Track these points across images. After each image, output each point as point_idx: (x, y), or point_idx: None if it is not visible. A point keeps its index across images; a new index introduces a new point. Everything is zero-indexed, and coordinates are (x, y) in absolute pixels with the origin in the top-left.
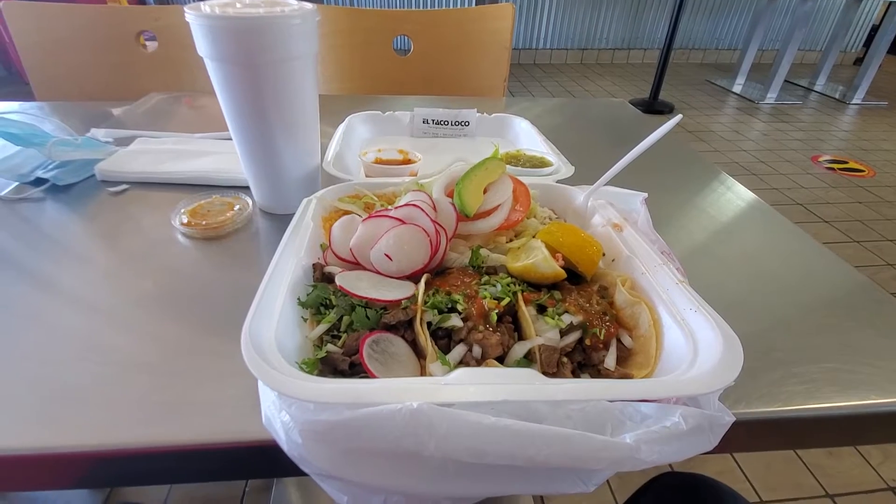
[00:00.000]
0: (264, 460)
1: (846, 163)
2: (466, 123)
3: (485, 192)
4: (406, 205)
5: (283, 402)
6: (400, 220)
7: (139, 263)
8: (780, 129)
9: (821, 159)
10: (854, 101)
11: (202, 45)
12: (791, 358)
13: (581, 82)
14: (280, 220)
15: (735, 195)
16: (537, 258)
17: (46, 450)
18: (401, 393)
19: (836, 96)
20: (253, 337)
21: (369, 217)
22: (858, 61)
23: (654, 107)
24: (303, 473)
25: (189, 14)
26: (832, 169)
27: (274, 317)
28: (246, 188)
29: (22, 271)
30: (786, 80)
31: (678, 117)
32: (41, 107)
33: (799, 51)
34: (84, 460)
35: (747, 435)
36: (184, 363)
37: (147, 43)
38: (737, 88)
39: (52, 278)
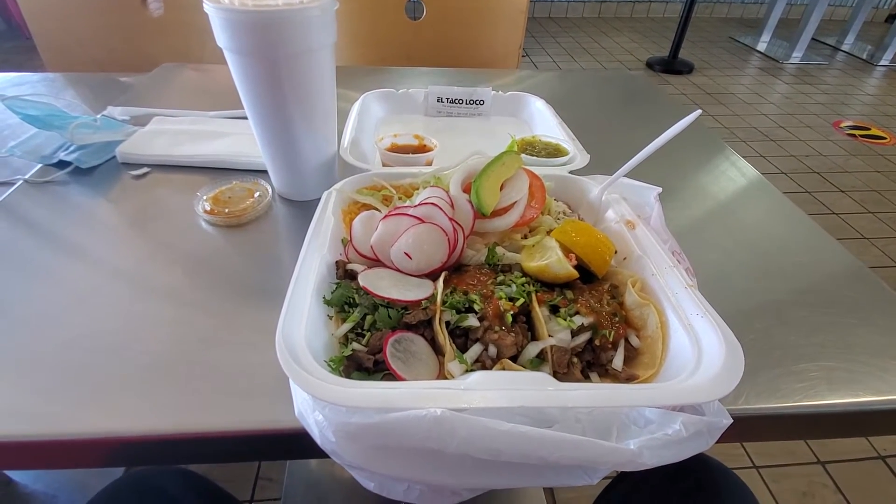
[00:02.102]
0: (297, 446)
1: (868, 129)
2: (481, 102)
3: (501, 188)
4: (424, 203)
5: (317, 404)
6: (419, 218)
7: (168, 252)
8: (803, 92)
9: (842, 125)
10: (882, 63)
11: (221, 38)
12: (791, 356)
13: (598, 38)
14: (299, 207)
15: (746, 178)
16: (551, 259)
17: (100, 435)
18: (425, 398)
19: (864, 56)
20: (286, 339)
21: (389, 215)
22: (891, 18)
23: (674, 66)
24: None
25: (208, 6)
26: (853, 136)
27: (303, 317)
28: (264, 172)
29: (59, 258)
30: (813, 39)
31: (697, 113)
32: (54, 79)
33: (829, 6)
34: (131, 444)
35: (743, 429)
36: (219, 353)
37: None
38: (761, 46)
39: (87, 266)
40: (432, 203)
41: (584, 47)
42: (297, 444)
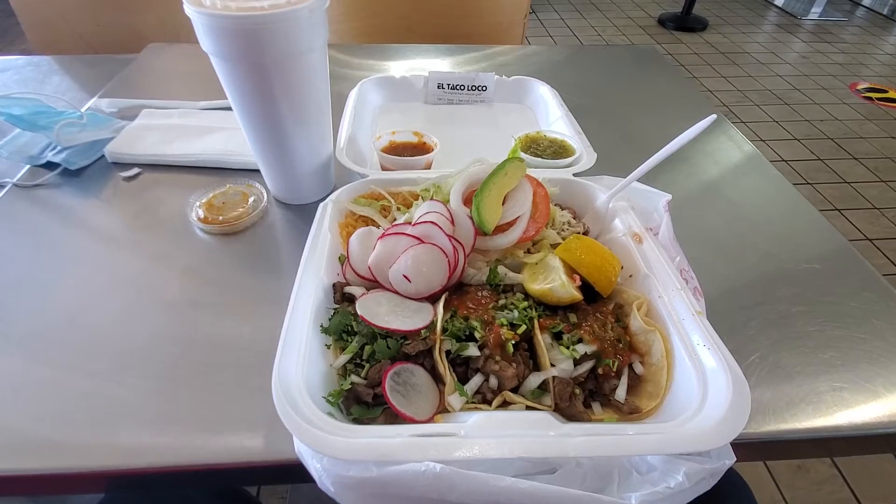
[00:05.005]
0: (298, 475)
1: (885, 91)
2: (484, 88)
3: (503, 202)
4: (423, 222)
5: (316, 453)
6: (418, 238)
7: (163, 264)
8: (820, 51)
9: (859, 87)
10: None
11: (205, 42)
12: (796, 373)
13: None
14: (296, 211)
15: (752, 165)
16: (555, 283)
17: (100, 469)
18: (424, 449)
19: (885, 12)
20: (283, 383)
21: (386, 234)
22: None
23: (687, 23)
24: None
25: (189, 9)
26: (869, 98)
27: (300, 353)
28: (258, 172)
29: (52, 271)
30: None
31: (712, 118)
32: (40, 63)
33: None
34: (130, 477)
35: (747, 454)
36: (219, 378)
37: None
38: (779, 1)
39: (82, 281)
40: (431, 221)
41: (593, 2)
42: (297, 473)
